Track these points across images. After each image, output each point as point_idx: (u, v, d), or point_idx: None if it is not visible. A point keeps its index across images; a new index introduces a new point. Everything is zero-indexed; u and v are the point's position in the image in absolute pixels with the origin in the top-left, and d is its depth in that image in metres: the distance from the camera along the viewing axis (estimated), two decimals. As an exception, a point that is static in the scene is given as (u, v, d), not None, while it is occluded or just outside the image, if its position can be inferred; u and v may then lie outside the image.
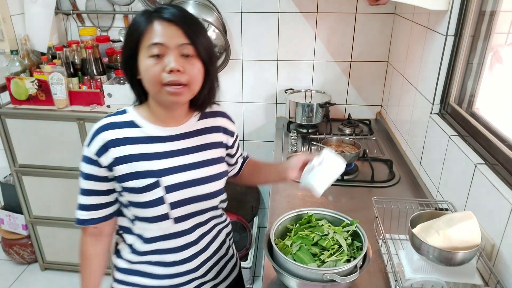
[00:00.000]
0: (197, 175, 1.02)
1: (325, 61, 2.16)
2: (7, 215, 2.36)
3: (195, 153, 1.03)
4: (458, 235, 0.95)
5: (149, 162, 0.97)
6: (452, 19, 1.34)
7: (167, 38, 0.88)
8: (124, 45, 0.95)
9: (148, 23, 0.89)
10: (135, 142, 0.97)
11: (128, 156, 0.96)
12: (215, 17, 2.06)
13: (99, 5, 2.17)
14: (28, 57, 2.08)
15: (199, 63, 0.92)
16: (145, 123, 0.99)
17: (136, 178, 0.96)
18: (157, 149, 0.99)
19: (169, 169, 0.99)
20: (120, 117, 1.00)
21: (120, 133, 0.97)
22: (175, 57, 0.89)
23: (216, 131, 1.09)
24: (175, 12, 0.90)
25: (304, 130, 2.04)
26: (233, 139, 1.14)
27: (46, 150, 2.06)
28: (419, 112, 1.60)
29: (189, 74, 0.90)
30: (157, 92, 0.91)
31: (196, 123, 1.06)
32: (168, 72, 0.88)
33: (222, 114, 1.13)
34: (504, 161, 1.05)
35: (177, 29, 0.89)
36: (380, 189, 1.54)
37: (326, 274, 0.94)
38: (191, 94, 0.95)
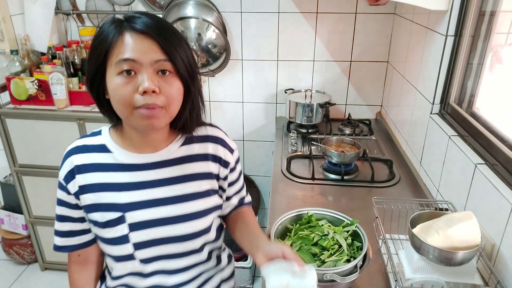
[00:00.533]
0: (169, 212, 0.87)
1: (325, 61, 2.16)
2: (7, 215, 2.36)
3: (171, 185, 0.88)
4: (458, 235, 0.95)
5: (115, 194, 0.85)
6: (452, 19, 1.34)
7: (140, 54, 0.75)
8: (88, 58, 0.82)
9: (117, 35, 0.76)
10: (103, 169, 0.86)
11: (94, 185, 0.86)
12: (215, 17, 2.06)
13: (99, 5, 2.17)
14: (28, 57, 2.08)
15: (178, 82, 0.80)
16: (117, 148, 0.87)
17: (100, 210, 0.86)
18: (127, 179, 0.86)
19: (137, 203, 0.86)
20: (92, 139, 0.90)
21: (89, 158, 0.87)
22: (150, 76, 0.76)
23: (204, 159, 0.92)
24: (148, 22, 0.77)
25: (304, 130, 2.04)
26: (227, 170, 0.96)
27: (46, 150, 2.06)
28: (419, 112, 1.60)
29: (166, 95, 0.78)
30: (128, 116, 0.78)
31: (178, 149, 0.91)
32: (141, 94, 0.75)
33: (215, 139, 0.95)
34: (504, 161, 1.05)
35: (152, 42, 0.76)
36: (380, 189, 1.54)
37: (326, 274, 0.94)
38: (169, 117, 0.81)
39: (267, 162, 2.37)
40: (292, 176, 1.62)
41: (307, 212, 1.16)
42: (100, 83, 0.81)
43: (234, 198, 1.04)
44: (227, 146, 0.96)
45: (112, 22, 0.78)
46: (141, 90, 0.75)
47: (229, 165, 0.97)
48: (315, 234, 1.08)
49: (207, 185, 0.92)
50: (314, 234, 1.08)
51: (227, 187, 0.99)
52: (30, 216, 2.26)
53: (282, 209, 1.39)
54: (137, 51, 0.75)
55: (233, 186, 1.01)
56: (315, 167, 1.66)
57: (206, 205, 0.92)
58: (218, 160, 0.94)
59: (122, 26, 0.77)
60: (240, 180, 1.04)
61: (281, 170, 1.67)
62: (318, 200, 1.48)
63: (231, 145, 0.98)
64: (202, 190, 0.91)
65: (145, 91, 0.75)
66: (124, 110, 0.78)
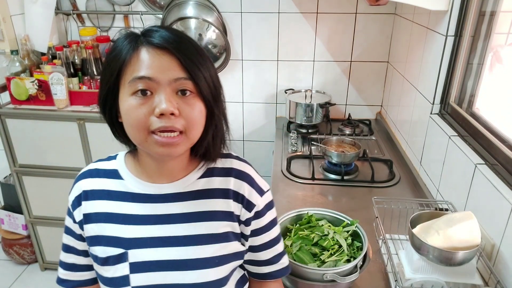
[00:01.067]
0: (179, 255, 0.75)
1: (325, 61, 2.16)
2: (7, 215, 2.36)
3: (184, 223, 0.76)
4: (458, 235, 0.95)
5: (119, 227, 0.76)
6: (452, 19, 1.34)
7: (157, 71, 0.66)
8: (101, 77, 0.73)
9: (131, 51, 0.68)
10: (111, 197, 0.77)
11: (99, 214, 0.77)
12: (215, 17, 2.06)
13: (99, 5, 2.17)
14: (28, 57, 2.08)
15: (200, 103, 0.70)
16: (129, 176, 0.78)
17: (102, 244, 0.76)
18: (135, 210, 0.76)
19: (142, 240, 0.75)
20: (106, 163, 0.82)
21: (98, 184, 0.79)
22: (168, 96, 0.67)
23: (224, 196, 0.79)
24: (167, 36, 0.69)
25: (304, 130, 2.04)
26: (249, 214, 0.80)
27: (46, 150, 2.06)
28: (419, 112, 1.60)
29: (186, 118, 0.68)
30: (143, 141, 0.69)
31: (196, 181, 0.79)
32: (158, 116, 0.66)
33: (239, 174, 0.81)
34: (504, 161, 1.05)
35: (171, 58, 0.67)
36: (380, 189, 1.54)
37: (326, 274, 0.94)
38: (189, 143, 0.72)
39: (267, 162, 2.36)
40: (292, 176, 1.62)
41: (307, 212, 1.16)
42: (113, 105, 0.72)
43: (264, 253, 0.85)
44: (254, 185, 0.81)
45: (127, 37, 0.70)
46: (158, 112, 0.66)
47: (253, 208, 0.80)
48: (315, 234, 1.08)
49: (226, 227, 0.79)
50: (314, 234, 1.08)
51: (250, 236, 0.82)
52: (30, 216, 2.26)
53: (282, 209, 1.38)
54: (154, 68, 0.66)
55: (261, 237, 0.84)
56: (315, 167, 1.66)
57: (224, 251, 0.78)
58: (240, 199, 0.80)
59: (137, 41, 0.69)
60: (272, 232, 0.85)
61: (281, 170, 1.67)
62: (318, 200, 1.48)
63: (261, 185, 0.83)
64: (220, 232, 0.78)
65: (163, 113, 0.66)
66: (138, 135, 0.69)
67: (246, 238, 0.83)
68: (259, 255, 0.86)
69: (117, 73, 0.69)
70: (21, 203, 2.21)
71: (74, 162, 2.05)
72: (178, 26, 2.00)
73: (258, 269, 0.88)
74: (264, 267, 0.87)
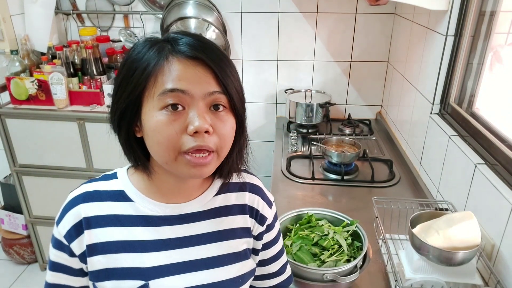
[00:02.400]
0: (204, 279, 0.70)
1: (325, 61, 2.16)
2: (7, 215, 2.35)
3: (206, 244, 0.71)
4: (458, 235, 0.95)
5: (136, 256, 0.67)
6: (452, 19, 1.34)
7: (191, 83, 0.60)
8: (119, 88, 0.64)
9: (161, 60, 0.61)
10: (121, 223, 0.68)
11: (107, 244, 0.67)
12: (215, 17, 2.06)
13: (99, 5, 2.17)
14: (28, 57, 2.08)
15: (232, 119, 0.65)
16: (140, 196, 0.69)
17: (114, 278, 0.66)
18: (151, 236, 0.68)
19: (164, 267, 0.68)
20: (106, 184, 0.71)
21: (101, 209, 0.68)
22: (201, 112, 0.61)
23: (242, 212, 0.76)
24: (197, 45, 0.62)
25: (304, 130, 2.04)
26: (262, 228, 0.78)
27: (46, 150, 2.06)
28: (419, 112, 1.60)
29: (219, 135, 0.63)
30: (171, 161, 0.62)
31: (214, 198, 0.74)
32: (192, 134, 0.60)
33: (253, 188, 0.79)
34: (504, 161, 1.05)
35: (206, 70, 0.61)
36: (380, 189, 1.54)
37: (326, 274, 0.94)
38: (219, 162, 0.66)
39: (267, 162, 2.36)
40: (292, 176, 1.62)
41: (307, 212, 1.16)
42: (132, 119, 0.64)
43: (274, 265, 0.84)
44: (265, 198, 0.80)
45: (151, 44, 0.63)
46: (192, 130, 0.59)
47: (265, 221, 0.79)
48: (315, 234, 1.08)
49: (244, 244, 0.76)
50: (314, 234, 1.08)
51: (261, 250, 0.81)
52: (30, 216, 2.26)
53: (282, 209, 1.38)
54: (187, 80, 0.60)
55: (271, 249, 0.82)
56: (315, 167, 1.66)
57: (244, 270, 0.75)
58: (254, 214, 0.77)
59: (165, 49, 0.62)
60: (279, 243, 0.84)
61: (281, 170, 1.67)
62: (318, 200, 1.48)
63: (270, 197, 0.81)
64: (240, 250, 0.75)
65: (197, 131, 0.60)
66: (166, 155, 0.62)
67: (256, 253, 0.80)
68: (269, 268, 0.84)
69: (143, 84, 0.61)
70: (21, 203, 2.21)
71: (74, 162, 2.05)
72: (178, 26, 2.00)
73: (266, 282, 0.86)
74: (273, 279, 0.86)
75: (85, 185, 0.71)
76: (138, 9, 2.14)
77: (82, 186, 0.71)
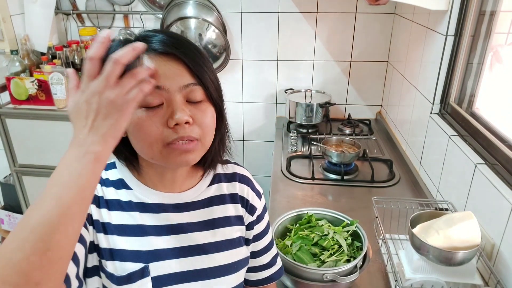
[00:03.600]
0: (200, 264, 0.73)
1: (325, 61, 2.16)
2: (7, 215, 2.35)
3: (202, 231, 0.74)
4: (458, 235, 0.95)
5: (136, 239, 0.69)
6: (452, 19, 1.34)
7: (165, 79, 0.62)
8: None
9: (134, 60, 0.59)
10: (122, 208, 0.70)
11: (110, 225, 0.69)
12: (215, 17, 2.06)
13: (99, 5, 2.17)
14: (28, 57, 2.08)
15: (211, 108, 0.68)
16: (138, 185, 0.73)
17: (117, 259, 0.68)
18: (149, 221, 0.71)
19: (162, 251, 0.70)
20: (107, 173, 0.74)
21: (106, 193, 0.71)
22: (179, 104, 0.63)
23: (233, 200, 0.80)
24: (168, 40, 0.64)
25: (304, 130, 2.04)
26: (252, 218, 0.82)
27: (46, 150, 2.06)
28: (419, 112, 1.60)
29: (200, 125, 0.65)
30: (157, 154, 0.64)
31: (207, 189, 0.78)
32: (172, 127, 0.62)
33: (242, 179, 0.83)
34: (504, 161, 1.05)
35: (178, 64, 0.63)
36: (380, 189, 1.54)
37: (326, 274, 0.94)
38: (203, 150, 0.69)
39: (267, 162, 2.36)
40: (292, 176, 1.62)
41: (307, 212, 1.16)
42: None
43: (265, 256, 0.87)
44: (254, 189, 0.84)
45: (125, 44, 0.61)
46: (172, 122, 0.62)
47: (255, 212, 0.82)
48: (315, 234, 1.08)
49: (238, 231, 0.79)
50: (314, 234, 1.08)
51: (252, 241, 0.84)
52: (30, 216, 2.26)
53: (282, 209, 1.39)
54: (161, 76, 0.62)
55: (262, 241, 0.86)
56: (315, 167, 1.66)
57: (239, 256, 0.78)
58: (245, 203, 0.81)
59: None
60: (269, 234, 0.88)
61: (281, 170, 1.67)
62: (318, 200, 1.48)
63: (259, 189, 0.85)
64: (234, 237, 0.78)
65: (177, 123, 0.62)
66: (150, 149, 0.64)
67: (248, 243, 0.83)
68: (260, 260, 0.87)
69: None
70: (21, 203, 2.21)
71: (74, 162, 2.05)
72: (178, 26, 2.00)
73: (258, 274, 0.88)
74: (265, 271, 0.88)
75: None
76: (138, 9, 2.14)
77: None
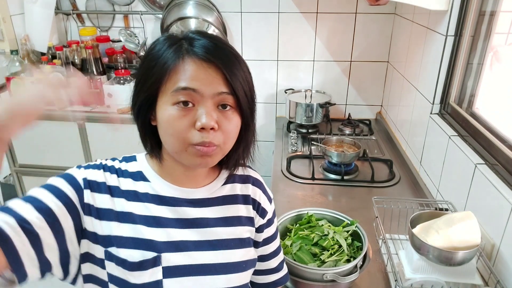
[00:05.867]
0: (210, 259, 0.74)
1: (325, 61, 2.16)
2: (7, 215, 2.35)
3: (213, 227, 0.76)
4: (458, 235, 0.95)
5: (151, 229, 0.71)
6: (452, 19, 1.34)
7: (202, 84, 0.66)
8: (140, 80, 0.70)
9: (177, 59, 0.66)
10: (138, 199, 0.73)
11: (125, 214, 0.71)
12: (215, 17, 2.06)
13: (99, 5, 2.17)
14: (28, 57, 2.08)
15: (237, 117, 0.71)
16: (156, 177, 0.75)
17: (130, 246, 0.70)
18: (164, 213, 0.73)
19: (174, 243, 0.72)
20: (127, 164, 0.77)
21: (122, 183, 0.74)
22: (209, 110, 0.66)
23: (246, 202, 0.82)
24: (212, 47, 0.67)
25: (304, 130, 2.04)
26: (263, 221, 0.84)
27: (46, 150, 2.06)
28: (419, 112, 1.60)
29: (224, 132, 0.68)
30: (180, 151, 0.69)
31: (221, 187, 0.80)
32: (199, 129, 0.66)
33: (256, 182, 0.85)
34: (504, 161, 1.05)
35: (217, 72, 0.67)
36: (380, 189, 1.54)
37: (326, 274, 0.94)
38: (222, 155, 0.72)
39: (267, 162, 2.36)
40: (292, 176, 1.62)
41: (307, 212, 1.16)
42: (148, 110, 0.70)
43: (273, 261, 0.89)
44: (266, 194, 0.86)
45: (171, 43, 0.68)
46: (199, 126, 0.65)
47: (266, 215, 0.84)
48: (315, 234, 1.08)
49: (247, 232, 0.81)
50: (314, 234, 1.08)
51: (262, 244, 0.86)
52: (30, 216, 2.26)
53: (282, 209, 1.38)
54: (199, 81, 0.65)
55: (271, 245, 0.88)
56: (315, 167, 1.66)
57: (248, 256, 0.79)
58: (256, 206, 0.83)
59: (181, 49, 0.67)
60: (278, 239, 0.90)
61: (281, 170, 1.67)
62: (318, 200, 1.48)
63: (270, 194, 0.87)
64: (244, 237, 0.80)
65: (203, 127, 0.66)
66: (177, 146, 0.68)
67: (258, 246, 0.85)
68: (269, 264, 0.88)
69: (159, 78, 0.67)
70: (21, 203, 2.21)
71: (74, 162, 2.02)
72: (178, 26, 2.00)
73: (266, 278, 0.89)
74: (272, 275, 0.90)
75: (110, 161, 0.77)
76: (138, 9, 2.14)
77: (109, 161, 0.76)
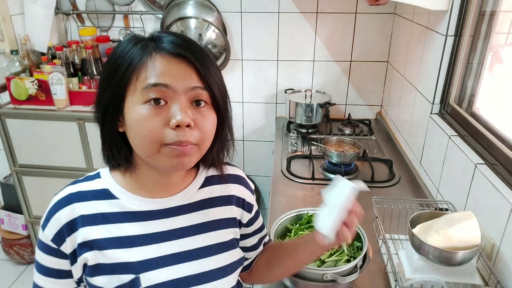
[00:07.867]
0: (192, 270, 0.72)
1: (325, 61, 2.16)
2: (7, 215, 2.35)
3: (193, 236, 0.73)
4: (458, 235, 0.95)
5: (125, 251, 0.68)
6: (452, 19, 1.34)
7: (174, 79, 0.62)
8: (103, 82, 0.66)
9: (145, 56, 0.63)
10: (108, 221, 0.69)
11: (97, 241, 0.68)
12: (215, 17, 2.06)
13: (99, 5, 2.17)
14: (28, 57, 2.08)
15: (213, 114, 0.68)
16: (124, 193, 0.71)
17: (104, 273, 0.68)
18: (138, 230, 0.70)
19: (152, 261, 0.69)
20: (90, 184, 0.72)
21: (88, 208, 0.69)
22: (183, 106, 0.63)
23: (226, 203, 0.79)
24: (180, 42, 0.65)
25: (304, 130, 2.04)
26: (250, 215, 0.84)
27: (46, 150, 2.06)
28: (419, 112, 1.60)
29: (200, 130, 0.65)
30: (153, 154, 0.64)
31: (198, 192, 0.77)
32: (174, 128, 0.62)
33: (237, 179, 0.83)
34: (504, 161, 1.05)
35: (188, 66, 0.64)
36: (380, 189, 1.54)
37: (326, 274, 0.94)
38: (199, 155, 0.68)
39: (267, 162, 2.36)
40: (292, 176, 1.62)
41: (307, 212, 1.16)
42: (115, 113, 0.65)
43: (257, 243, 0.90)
44: (248, 187, 0.84)
45: (137, 42, 0.65)
46: (174, 123, 0.61)
47: (253, 209, 0.85)
48: (315, 234, 1.07)
49: (230, 234, 0.79)
50: (314, 234, 1.08)
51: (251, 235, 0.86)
52: (30, 216, 2.26)
53: (282, 209, 1.39)
54: (171, 76, 0.62)
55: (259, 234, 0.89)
56: (315, 167, 1.66)
57: (232, 259, 0.78)
58: (241, 203, 0.82)
59: (149, 46, 0.64)
60: (260, 219, 0.91)
61: (281, 170, 1.67)
62: (318, 200, 1.47)
63: (251, 184, 0.86)
64: (227, 240, 0.78)
65: (178, 125, 0.62)
66: (149, 147, 0.63)
67: (245, 237, 0.86)
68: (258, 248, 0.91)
69: (126, 79, 0.63)
70: (21, 203, 2.21)
71: (74, 162, 2.05)
72: (178, 26, 2.00)
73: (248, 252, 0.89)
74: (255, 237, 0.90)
75: (69, 187, 0.72)
76: (138, 9, 2.14)
77: (66, 188, 0.72)
